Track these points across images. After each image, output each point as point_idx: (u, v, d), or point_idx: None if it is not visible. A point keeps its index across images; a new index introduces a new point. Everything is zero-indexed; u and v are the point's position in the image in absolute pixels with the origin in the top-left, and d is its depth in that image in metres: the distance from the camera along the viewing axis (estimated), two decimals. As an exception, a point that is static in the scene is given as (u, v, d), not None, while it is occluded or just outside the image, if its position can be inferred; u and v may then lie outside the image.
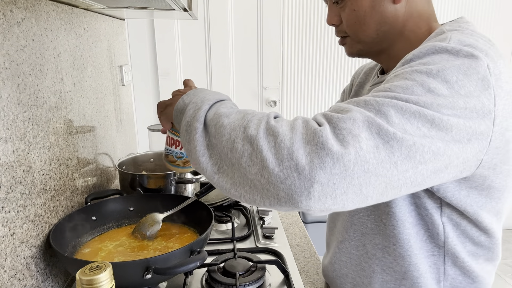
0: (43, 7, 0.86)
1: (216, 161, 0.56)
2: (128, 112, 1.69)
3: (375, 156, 0.48)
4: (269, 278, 0.90)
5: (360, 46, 0.73)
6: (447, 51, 0.56)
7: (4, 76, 0.69)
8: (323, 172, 0.47)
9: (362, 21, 0.69)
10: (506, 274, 2.50)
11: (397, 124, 0.50)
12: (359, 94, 0.89)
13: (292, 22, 2.41)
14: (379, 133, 0.49)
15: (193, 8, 1.10)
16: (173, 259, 0.76)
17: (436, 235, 0.66)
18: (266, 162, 0.50)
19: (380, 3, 0.67)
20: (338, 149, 0.47)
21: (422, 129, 0.50)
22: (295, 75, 2.51)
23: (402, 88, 0.53)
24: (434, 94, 0.52)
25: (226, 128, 0.55)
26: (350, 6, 0.69)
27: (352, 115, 0.50)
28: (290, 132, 0.51)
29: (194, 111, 0.60)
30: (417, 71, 0.55)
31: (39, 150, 0.81)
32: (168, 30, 2.28)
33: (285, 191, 0.49)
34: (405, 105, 0.51)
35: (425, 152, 0.50)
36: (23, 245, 0.74)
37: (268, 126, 0.53)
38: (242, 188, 0.53)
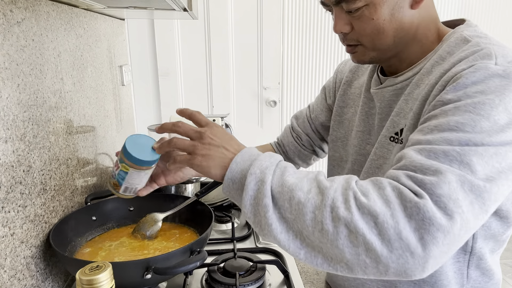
0: (43, 7, 0.86)
1: (296, 234, 0.53)
2: (128, 112, 1.69)
3: (473, 213, 0.49)
4: (269, 278, 0.90)
5: (374, 53, 0.70)
6: (499, 75, 0.56)
7: (4, 76, 0.69)
8: (436, 247, 0.47)
9: (381, 30, 0.66)
10: (506, 274, 2.50)
11: (480, 171, 0.51)
12: (348, 93, 0.87)
13: (292, 22, 2.41)
14: (471, 189, 0.50)
15: (193, 8, 1.10)
16: (173, 259, 0.76)
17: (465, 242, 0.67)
18: (371, 245, 0.48)
19: (399, 10, 0.65)
20: (446, 222, 0.47)
21: (497, 166, 0.52)
22: (295, 75, 2.51)
23: (471, 126, 0.53)
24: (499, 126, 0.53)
25: (306, 206, 0.52)
26: (367, 15, 0.65)
27: (444, 178, 0.49)
28: (388, 208, 0.49)
29: (256, 184, 0.55)
30: (480, 103, 0.54)
31: (39, 150, 0.81)
32: (168, 30, 2.28)
33: (397, 268, 0.48)
34: (484, 150, 0.52)
35: (505, 190, 0.53)
36: (23, 245, 0.74)
37: (359, 203, 0.50)
38: (337, 264, 0.51)
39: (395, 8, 0.64)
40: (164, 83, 2.36)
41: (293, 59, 2.48)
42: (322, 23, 2.42)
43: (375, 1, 0.64)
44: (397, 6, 0.64)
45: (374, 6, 0.64)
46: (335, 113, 0.90)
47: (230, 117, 2.44)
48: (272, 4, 2.32)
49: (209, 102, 2.45)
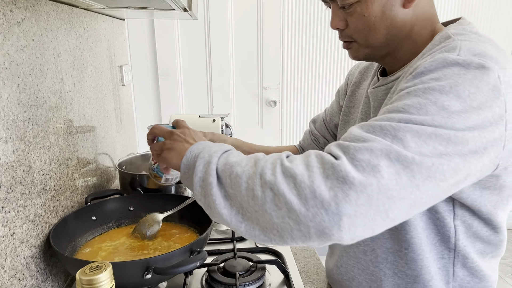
0: (43, 7, 0.86)
1: (238, 209, 0.56)
2: (128, 112, 1.69)
3: (397, 182, 0.49)
4: (269, 278, 0.90)
5: (368, 50, 0.72)
6: (458, 64, 0.56)
7: (4, 76, 0.69)
8: (349, 205, 0.48)
9: (372, 27, 0.67)
10: (506, 274, 2.50)
11: (414, 148, 0.51)
12: (356, 94, 0.89)
13: (292, 22, 2.41)
14: (398, 159, 0.50)
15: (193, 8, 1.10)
16: (173, 259, 0.76)
17: (447, 238, 0.67)
18: (291, 205, 0.50)
19: (390, 8, 0.66)
20: (359, 181, 0.48)
21: (439, 148, 0.51)
22: (295, 75, 2.51)
23: (416, 108, 0.54)
24: (447, 111, 0.53)
25: (241, 177, 0.55)
26: (359, 12, 0.67)
27: (369, 145, 0.51)
28: (307, 170, 0.51)
29: (204, 166, 0.59)
30: (430, 88, 0.55)
31: (39, 150, 0.81)
32: (168, 30, 2.28)
33: (316, 227, 0.50)
34: (420, 128, 0.52)
35: (445, 170, 0.52)
36: (23, 245, 0.74)
37: (283, 168, 0.53)
38: (271, 232, 0.53)
39: (386, 5, 0.66)
40: (164, 83, 2.36)
41: (293, 59, 2.48)
42: (322, 23, 2.42)
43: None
44: (389, 4, 0.66)
45: (366, 3, 0.66)
46: (343, 114, 0.91)
47: (230, 117, 2.44)
48: (272, 4, 2.32)
49: (209, 102, 2.45)
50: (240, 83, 2.44)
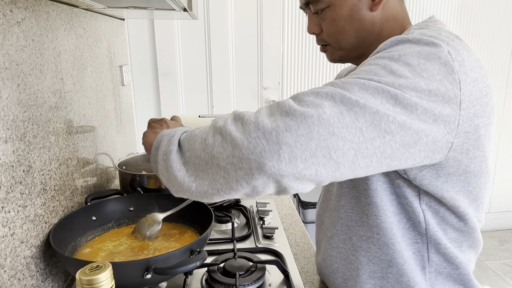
0: (43, 7, 0.86)
1: (192, 172, 0.58)
2: (128, 112, 1.69)
3: (340, 120, 0.51)
4: (269, 278, 0.90)
5: (341, 52, 0.76)
6: (409, 40, 0.59)
7: (4, 76, 0.69)
8: (289, 134, 0.50)
9: (342, 30, 0.72)
10: (506, 274, 2.50)
11: (358, 95, 0.53)
12: None
13: (292, 22, 2.41)
14: (342, 100, 0.52)
15: (193, 8, 1.10)
16: (173, 259, 0.76)
17: (417, 222, 0.68)
18: (235, 141, 0.53)
19: (357, 12, 0.70)
20: (300, 112, 0.51)
21: (386, 105, 0.53)
22: (295, 75, 2.51)
23: (366, 72, 0.56)
24: (396, 75, 0.55)
25: (197, 136, 0.59)
26: (330, 16, 0.72)
27: (315, 89, 0.54)
28: (255, 114, 0.55)
29: (169, 139, 0.63)
30: (380, 57, 0.58)
31: (39, 150, 0.81)
32: (168, 30, 2.28)
33: (256, 160, 0.51)
34: (367, 82, 0.54)
35: (390, 122, 0.52)
36: (23, 245, 0.74)
37: (234, 115, 0.57)
38: (217, 182, 0.56)
39: (354, 9, 0.70)
40: (164, 83, 2.36)
41: (293, 59, 2.48)
42: (322, 23, 2.42)
43: (335, 3, 0.70)
44: (356, 8, 0.70)
45: (335, 8, 0.70)
46: None
47: (230, 117, 2.44)
48: (272, 4, 2.32)
49: (209, 102, 2.46)
50: (240, 83, 2.44)
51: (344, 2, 0.70)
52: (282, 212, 1.26)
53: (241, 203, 1.27)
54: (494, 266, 2.59)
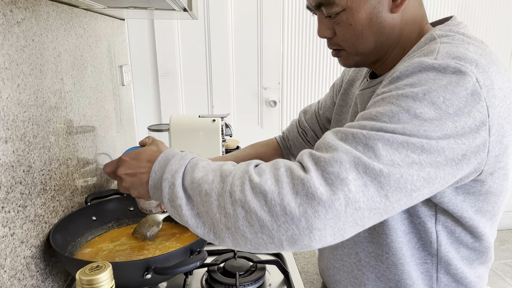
0: (43, 7, 0.86)
1: (210, 227, 0.56)
2: (128, 112, 1.69)
3: (365, 194, 0.50)
4: (269, 278, 0.90)
5: (358, 58, 0.70)
6: (434, 68, 0.55)
7: (4, 76, 0.69)
8: (319, 220, 0.50)
9: (360, 35, 0.66)
10: (506, 274, 2.50)
11: (385, 156, 0.51)
12: (349, 92, 0.87)
13: (292, 22, 2.41)
14: (366, 171, 0.50)
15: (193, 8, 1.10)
16: (173, 259, 0.76)
17: (428, 243, 0.67)
18: (263, 222, 0.51)
19: (377, 15, 0.64)
20: (328, 197, 0.49)
21: (412, 156, 0.51)
22: (295, 75, 2.51)
23: (388, 116, 0.53)
24: (420, 119, 0.52)
25: (211, 196, 0.55)
26: (345, 20, 0.65)
27: (339, 156, 0.51)
28: (277, 186, 0.52)
29: (170, 188, 0.59)
30: (403, 95, 0.54)
31: (39, 150, 0.81)
32: (168, 30, 2.28)
33: (288, 240, 0.51)
34: (392, 136, 0.52)
35: (415, 181, 0.51)
36: (23, 245, 0.74)
37: (252, 185, 0.53)
38: (245, 246, 0.55)
39: (373, 13, 0.64)
40: (164, 83, 2.36)
41: (293, 59, 2.48)
42: (322, 23, 2.42)
43: (352, 7, 0.64)
44: (375, 10, 0.64)
45: (351, 12, 0.64)
46: (335, 112, 0.90)
47: (230, 117, 2.44)
48: (272, 4, 2.32)
49: (209, 102, 2.45)
50: (240, 83, 2.44)
51: (362, 5, 0.63)
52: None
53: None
54: (494, 266, 2.59)
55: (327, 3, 0.65)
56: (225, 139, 1.47)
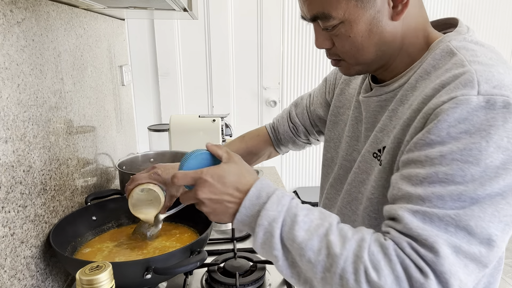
0: (43, 7, 0.86)
1: (306, 281, 0.56)
2: (128, 112, 1.69)
3: (471, 276, 0.51)
4: (269, 278, 0.90)
5: (359, 68, 0.68)
6: (483, 107, 0.52)
7: (4, 76, 0.69)
8: None
9: (360, 46, 0.63)
10: (506, 274, 2.50)
11: (479, 234, 0.51)
12: (345, 93, 0.84)
13: (292, 22, 2.41)
14: (466, 256, 0.51)
15: (193, 8, 1.10)
16: (173, 259, 0.76)
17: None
18: None
19: (377, 25, 0.61)
20: None
21: (504, 219, 0.52)
22: (295, 75, 2.51)
23: (461, 176, 0.52)
24: (493, 168, 0.51)
25: (316, 267, 0.54)
26: (344, 33, 0.62)
27: (443, 252, 0.51)
28: (391, 279, 0.51)
29: (265, 235, 0.57)
30: (467, 149, 0.52)
31: (39, 150, 0.81)
32: (168, 30, 2.28)
33: None
34: (480, 209, 0.51)
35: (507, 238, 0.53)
36: (23, 245, 0.74)
37: (370, 279, 0.51)
38: None
39: (373, 23, 0.61)
40: (164, 83, 2.37)
41: (293, 59, 2.48)
42: (322, 23, 2.42)
43: (350, 19, 0.61)
44: (375, 20, 0.61)
45: (350, 24, 0.61)
46: (331, 113, 0.87)
47: (230, 117, 2.44)
48: (272, 4, 2.32)
49: (209, 102, 2.46)
50: (240, 83, 2.44)
51: (361, 16, 0.60)
52: (282, 212, 1.26)
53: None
54: (494, 266, 2.59)
55: (323, 16, 0.62)
56: (225, 139, 1.47)
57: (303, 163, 2.69)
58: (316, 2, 0.61)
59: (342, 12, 0.60)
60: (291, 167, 2.69)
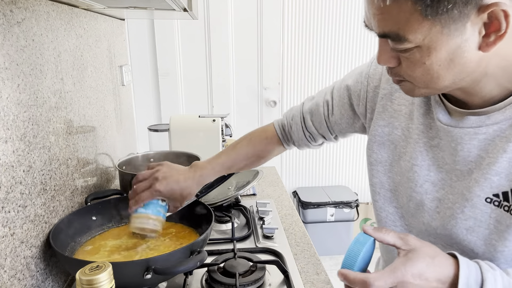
0: (43, 7, 0.86)
1: None
2: (128, 112, 1.69)
3: None
4: (269, 278, 0.90)
5: (427, 91, 0.59)
6: None
7: (4, 76, 0.69)
8: None
9: (435, 75, 0.55)
10: (506, 274, 2.50)
11: None
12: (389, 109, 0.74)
13: (292, 22, 2.41)
14: None
15: (193, 8, 1.10)
16: (173, 259, 0.76)
17: None
18: None
19: (461, 55, 0.52)
20: None
21: None
22: (295, 75, 2.51)
23: None
24: None
25: None
26: (418, 58, 0.54)
27: None
28: None
29: None
30: None
31: (39, 150, 0.82)
32: (168, 30, 2.28)
33: None
34: None
35: None
36: (23, 245, 0.75)
37: None
38: None
39: (456, 52, 0.52)
40: (164, 83, 2.37)
41: (293, 59, 2.48)
42: (322, 23, 2.42)
43: (430, 45, 0.52)
44: (460, 50, 0.51)
45: (428, 50, 0.52)
46: (374, 133, 0.76)
47: (230, 117, 2.44)
48: (272, 4, 2.32)
49: (209, 102, 2.46)
50: (240, 83, 2.44)
51: (444, 44, 0.51)
52: (282, 212, 1.26)
53: (241, 203, 1.27)
54: (494, 266, 2.58)
55: (396, 37, 0.52)
56: (225, 139, 1.47)
57: (303, 163, 2.69)
58: (391, 20, 0.52)
59: (422, 37, 0.51)
60: (291, 167, 2.69)
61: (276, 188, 1.48)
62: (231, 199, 1.20)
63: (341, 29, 2.42)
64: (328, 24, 2.42)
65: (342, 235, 2.60)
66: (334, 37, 2.44)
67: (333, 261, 2.51)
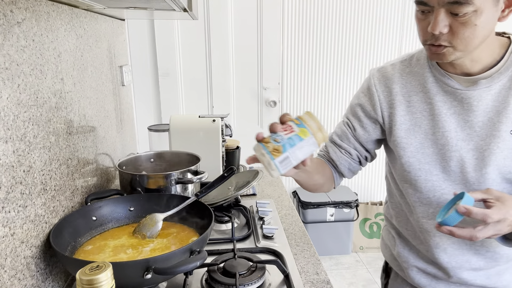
0: (43, 8, 0.86)
1: None
2: (128, 112, 1.69)
3: None
4: (269, 278, 0.90)
5: (460, 54, 0.75)
6: None
7: (4, 76, 0.69)
8: None
9: (477, 36, 0.72)
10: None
11: None
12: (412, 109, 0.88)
13: (292, 22, 2.41)
14: None
15: (193, 8, 1.11)
16: (173, 259, 0.76)
17: None
18: None
19: (494, 21, 0.72)
20: None
21: None
22: (295, 75, 2.51)
23: None
24: None
25: None
26: (472, 21, 0.70)
27: None
28: None
29: None
30: None
31: (39, 150, 0.82)
32: (168, 30, 2.28)
33: None
34: None
35: None
36: (23, 245, 0.75)
37: None
38: None
39: (493, 18, 0.71)
40: (164, 83, 2.37)
41: (293, 59, 2.48)
42: (322, 24, 2.42)
43: (483, 8, 0.68)
44: (493, 17, 0.71)
45: (481, 13, 0.69)
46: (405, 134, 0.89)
47: (230, 117, 2.44)
48: (272, 4, 2.32)
49: (209, 102, 2.46)
50: (240, 83, 2.44)
51: (490, 10, 0.69)
52: (282, 212, 1.27)
53: (241, 203, 1.27)
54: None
55: (465, 2, 0.68)
56: (225, 139, 1.47)
57: (303, 163, 2.68)
58: None
59: (480, 2, 0.68)
60: (291, 167, 2.69)
61: (276, 188, 1.48)
62: (231, 199, 1.20)
63: (341, 29, 2.43)
64: (328, 25, 2.42)
65: (342, 235, 2.60)
66: (334, 37, 2.44)
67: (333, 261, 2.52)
